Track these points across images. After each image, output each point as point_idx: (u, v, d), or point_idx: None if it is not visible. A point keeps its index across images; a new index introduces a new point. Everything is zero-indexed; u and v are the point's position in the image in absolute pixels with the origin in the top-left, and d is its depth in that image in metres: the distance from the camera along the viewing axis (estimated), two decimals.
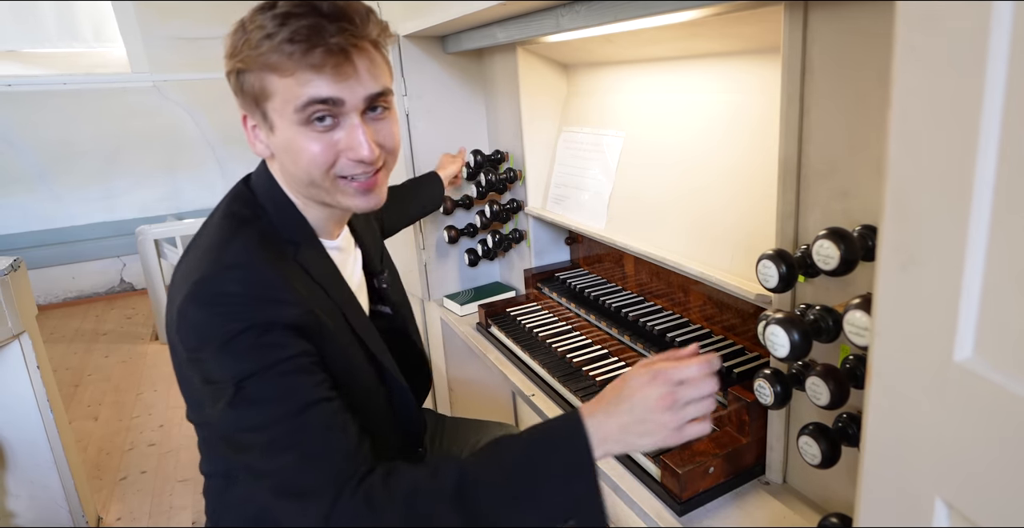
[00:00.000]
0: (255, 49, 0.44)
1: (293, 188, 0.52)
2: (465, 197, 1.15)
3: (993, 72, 0.22)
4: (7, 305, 1.03)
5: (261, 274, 0.46)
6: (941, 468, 0.27)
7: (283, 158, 0.49)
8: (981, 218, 0.23)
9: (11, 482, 1.13)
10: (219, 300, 0.44)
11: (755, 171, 0.65)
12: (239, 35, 0.46)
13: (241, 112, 0.49)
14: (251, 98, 0.47)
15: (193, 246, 0.51)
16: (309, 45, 0.43)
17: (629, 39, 0.78)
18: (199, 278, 0.44)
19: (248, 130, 0.50)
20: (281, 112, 0.46)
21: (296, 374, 0.43)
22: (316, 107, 0.45)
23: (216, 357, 0.43)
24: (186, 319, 0.44)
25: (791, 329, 0.44)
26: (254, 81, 0.46)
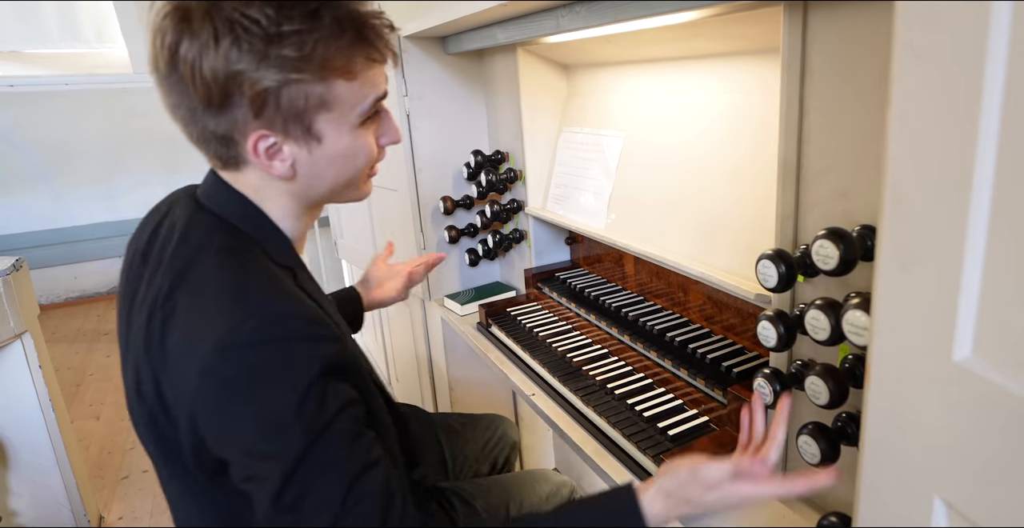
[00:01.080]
0: (308, 57, 0.36)
1: (303, 199, 0.45)
2: (466, 197, 1.15)
3: (992, 72, 0.22)
4: (9, 305, 1.04)
5: (298, 310, 0.39)
6: (940, 467, 0.27)
7: (324, 169, 0.43)
8: (980, 218, 0.24)
9: (13, 481, 1.14)
10: (260, 352, 0.36)
11: (755, 171, 0.65)
12: (254, 44, 0.36)
13: (252, 134, 0.39)
14: (293, 112, 0.39)
15: (178, 286, 0.41)
16: (374, 43, 0.39)
17: (629, 40, 0.78)
18: (230, 329, 0.36)
19: (260, 154, 0.40)
20: (341, 119, 0.41)
21: (353, 433, 0.38)
22: (378, 105, 0.42)
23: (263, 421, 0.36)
24: (219, 378, 0.36)
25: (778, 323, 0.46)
26: (307, 93, 0.38)
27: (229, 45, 0.36)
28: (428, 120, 1.11)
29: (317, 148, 0.42)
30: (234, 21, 0.36)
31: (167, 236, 0.45)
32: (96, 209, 2.76)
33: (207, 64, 0.37)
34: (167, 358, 0.40)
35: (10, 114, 2.58)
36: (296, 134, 0.41)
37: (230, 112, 0.39)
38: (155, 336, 0.42)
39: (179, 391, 0.40)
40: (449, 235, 1.14)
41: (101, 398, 1.87)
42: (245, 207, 0.45)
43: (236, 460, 0.39)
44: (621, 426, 0.70)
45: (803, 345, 0.53)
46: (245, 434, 0.37)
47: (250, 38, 0.36)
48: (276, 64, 0.37)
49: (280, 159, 0.42)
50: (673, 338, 0.79)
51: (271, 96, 0.38)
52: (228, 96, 0.38)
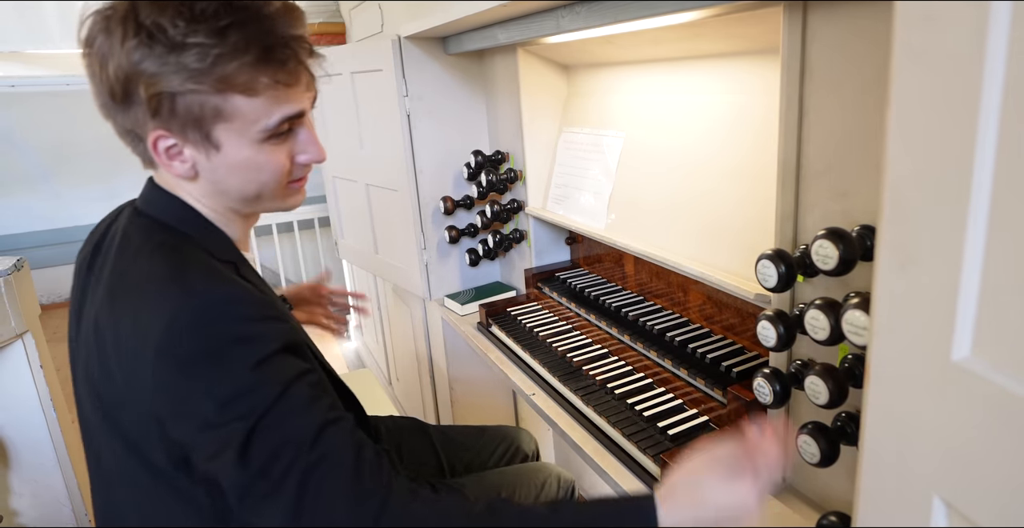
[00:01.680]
0: (208, 70, 0.38)
1: (218, 204, 0.47)
2: (466, 197, 1.15)
3: (991, 72, 0.22)
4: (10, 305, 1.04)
5: (240, 292, 0.40)
6: (939, 467, 0.27)
7: (226, 177, 0.44)
8: (979, 218, 0.24)
9: (14, 481, 1.14)
10: (210, 330, 0.38)
11: (754, 172, 0.65)
12: (157, 48, 0.37)
13: (151, 133, 0.41)
14: (190, 120, 0.40)
15: (119, 287, 0.42)
16: (283, 65, 0.40)
17: (629, 40, 0.78)
18: (176, 311, 0.38)
19: (159, 151, 0.42)
20: (242, 131, 0.42)
21: (311, 396, 0.39)
22: (287, 124, 0.43)
23: (220, 392, 0.37)
24: (173, 359, 0.37)
25: (777, 323, 0.46)
26: (203, 103, 0.40)
27: (135, 46, 0.38)
28: (428, 120, 1.11)
29: (216, 156, 0.43)
30: (145, 25, 0.38)
31: (109, 243, 0.47)
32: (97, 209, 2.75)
33: (112, 61, 0.39)
34: (121, 352, 0.41)
35: (11, 114, 2.58)
36: (195, 139, 0.42)
37: (131, 109, 0.41)
38: (105, 334, 0.42)
39: (138, 380, 0.40)
40: (449, 235, 1.14)
41: None
42: (180, 208, 0.46)
43: (197, 439, 0.39)
44: (621, 426, 0.70)
45: (803, 345, 0.53)
46: (205, 407, 0.37)
47: (155, 43, 0.38)
48: (174, 71, 0.38)
49: (180, 160, 0.43)
50: (673, 338, 0.79)
51: (166, 100, 0.40)
52: (128, 94, 0.40)
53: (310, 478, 0.38)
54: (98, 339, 0.43)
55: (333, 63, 1.47)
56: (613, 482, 0.65)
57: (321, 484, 0.38)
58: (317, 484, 0.38)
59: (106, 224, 0.51)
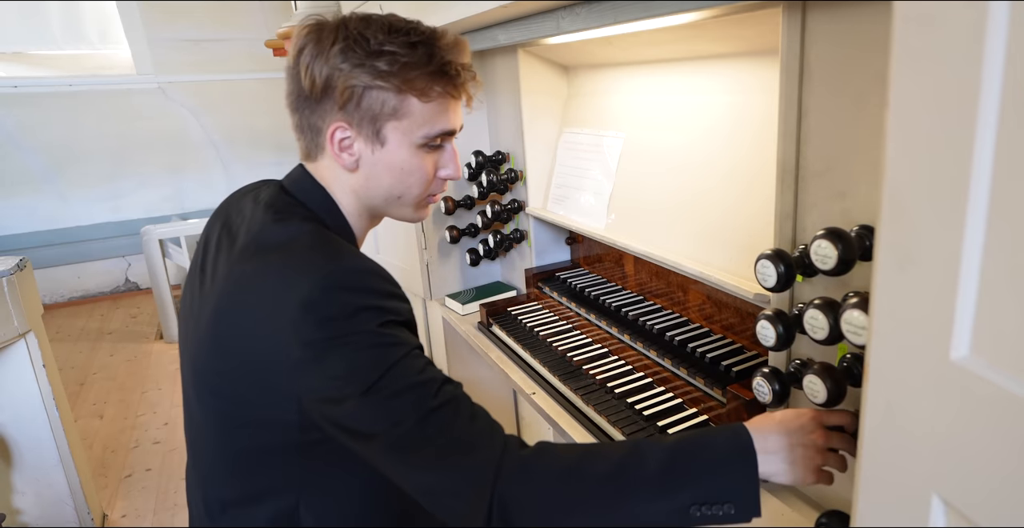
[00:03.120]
0: (396, 73, 0.47)
1: (360, 201, 0.53)
2: (467, 197, 1.15)
3: (990, 72, 0.22)
4: (13, 304, 1.05)
5: (382, 270, 0.47)
6: (937, 466, 0.27)
7: (381, 173, 0.51)
8: (977, 218, 0.24)
9: (17, 479, 1.14)
10: (356, 292, 0.43)
11: (754, 172, 0.65)
12: (359, 52, 0.47)
13: (332, 124, 0.49)
14: (369, 113, 0.48)
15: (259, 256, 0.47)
16: (453, 80, 0.50)
17: (629, 41, 0.78)
18: (328, 272, 0.43)
19: (334, 141, 0.50)
20: (407, 132, 0.50)
21: (424, 360, 0.45)
22: (444, 138, 0.52)
23: (354, 350, 0.42)
24: (319, 312, 0.42)
25: (777, 322, 0.46)
26: (385, 99, 0.48)
27: (339, 51, 0.47)
28: None
29: (380, 151, 0.51)
30: (352, 34, 0.47)
31: (253, 208, 0.53)
32: (100, 209, 2.78)
33: (319, 62, 0.48)
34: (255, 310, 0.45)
35: (14, 115, 2.59)
36: (367, 133, 0.50)
37: (323, 104, 0.49)
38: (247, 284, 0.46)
39: (274, 338, 0.43)
40: (450, 235, 1.14)
41: (104, 397, 1.89)
42: (324, 198, 0.53)
43: (329, 388, 0.42)
44: (621, 425, 0.70)
45: (802, 344, 0.53)
46: (341, 358, 0.42)
47: (357, 49, 0.47)
48: (368, 71, 0.47)
49: (349, 153, 0.51)
50: (673, 337, 0.80)
51: (355, 94, 0.48)
52: (326, 90, 0.48)
53: (435, 422, 0.42)
54: (225, 286, 0.47)
55: None
56: None
57: (447, 425, 0.42)
58: (442, 425, 0.42)
59: (240, 195, 0.57)
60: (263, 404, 0.45)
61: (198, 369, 0.49)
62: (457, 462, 0.41)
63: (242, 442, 0.48)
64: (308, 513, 0.48)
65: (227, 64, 2.72)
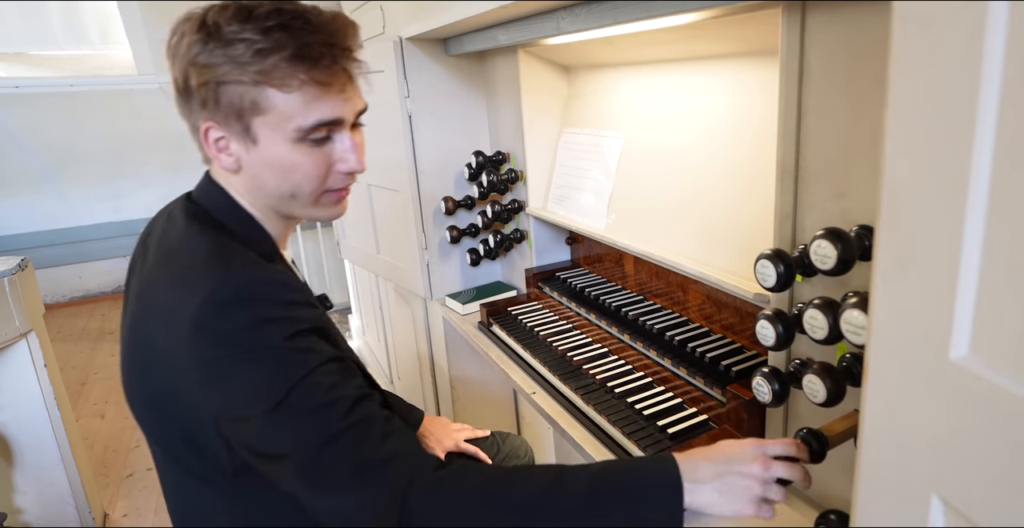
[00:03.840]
0: (249, 62, 0.42)
1: (259, 201, 0.49)
2: (467, 197, 1.15)
3: (989, 72, 0.22)
4: (14, 304, 1.05)
5: (280, 276, 0.44)
6: (937, 465, 0.27)
7: (263, 172, 0.47)
8: (977, 218, 0.24)
9: (19, 479, 1.15)
10: (251, 305, 0.40)
11: (753, 172, 0.65)
12: (211, 44, 0.42)
13: (203, 124, 0.45)
14: (232, 111, 0.44)
15: (167, 267, 0.45)
16: (316, 63, 0.43)
17: (629, 41, 0.78)
18: (217, 286, 0.40)
19: (209, 142, 0.46)
20: (276, 127, 0.44)
21: (338, 375, 0.42)
22: (324, 129, 0.46)
23: (256, 366, 0.39)
24: (212, 331, 0.40)
25: (776, 322, 0.46)
26: (243, 94, 0.43)
27: (194, 41, 0.43)
28: (430, 121, 1.11)
29: (254, 149, 0.46)
30: (207, 24, 0.43)
31: (164, 223, 0.51)
32: (101, 209, 2.78)
33: (177, 58, 0.44)
34: (160, 331, 0.43)
35: (15, 115, 2.59)
36: (237, 131, 0.45)
37: (190, 102, 0.45)
38: (147, 316, 0.45)
39: (177, 357, 0.42)
40: (451, 235, 1.14)
41: (105, 396, 1.89)
42: (228, 202, 0.49)
43: (234, 406, 0.41)
44: (621, 424, 0.70)
45: (801, 344, 0.53)
46: (242, 377, 0.40)
47: (211, 39, 0.42)
48: (221, 62, 0.42)
49: (227, 153, 0.47)
50: (672, 337, 0.80)
51: (212, 89, 0.43)
52: (187, 87, 0.44)
53: (343, 443, 0.40)
54: (139, 306, 0.46)
55: None
56: None
57: (354, 447, 0.40)
58: (350, 448, 0.40)
59: (161, 215, 0.54)
60: (189, 429, 0.43)
61: (131, 397, 0.47)
62: (362, 485, 0.39)
63: (181, 466, 0.46)
64: None
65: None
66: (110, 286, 2.85)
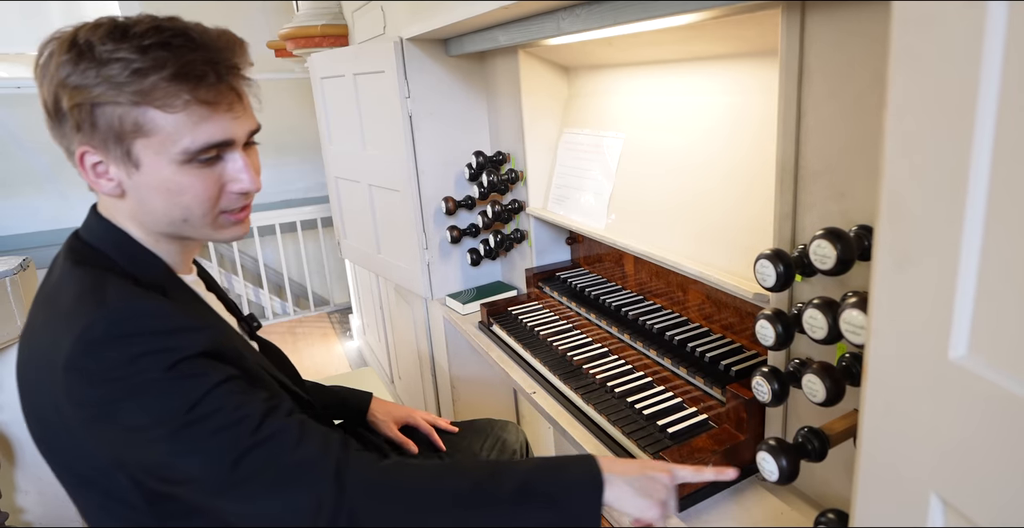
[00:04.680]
0: (126, 83, 0.39)
1: (146, 226, 0.47)
2: (467, 197, 1.16)
3: (988, 73, 0.22)
4: (16, 304, 1.05)
5: (156, 305, 0.41)
6: (936, 464, 0.27)
7: (150, 196, 0.44)
8: (976, 218, 0.24)
9: (20, 478, 1.15)
10: (125, 341, 0.38)
11: (753, 172, 0.65)
12: (83, 64, 0.39)
13: (78, 149, 0.42)
14: (111, 134, 0.41)
15: (45, 309, 0.43)
16: (200, 82, 0.41)
17: (629, 42, 0.78)
18: (88, 324, 0.38)
19: (86, 168, 0.43)
20: (161, 149, 0.42)
21: (240, 394, 0.41)
22: (214, 150, 0.44)
23: (142, 399, 0.38)
24: (84, 371, 0.38)
25: (776, 322, 0.46)
26: (122, 116, 0.41)
27: (64, 62, 0.40)
28: (430, 121, 1.11)
29: (136, 174, 0.43)
30: (79, 44, 0.40)
31: (48, 270, 0.48)
32: None
33: (47, 79, 0.41)
34: (39, 364, 0.41)
35: (17, 115, 2.60)
36: (116, 155, 0.43)
37: (62, 125, 0.42)
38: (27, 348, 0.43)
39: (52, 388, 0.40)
40: (451, 235, 1.15)
41: None
42: (112, 233, 0.46)
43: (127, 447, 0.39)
44: (621, 424, 0.70)
45: (801, 344, 0.53)
46: (127, 414, 0.38)
47: (82, 59, 0.40)
48: (95, 83, 0.40)
49: (107, 178, 0.44)
50: (672, 337, 0.80)
51: (87, 112, 0.41)
52: (59, 110, 0.41)
53: (257, 456, 0.39)
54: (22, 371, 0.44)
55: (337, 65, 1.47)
56: None
57: (269, 460, 0.39)
58: (263, 461, 0.39)
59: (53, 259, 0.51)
60: (92, 469, 0.42)
61: (36, 443, 0.45)
62: (284, 489, 0.39)
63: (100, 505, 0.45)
64: None
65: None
66: None
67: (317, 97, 1.35)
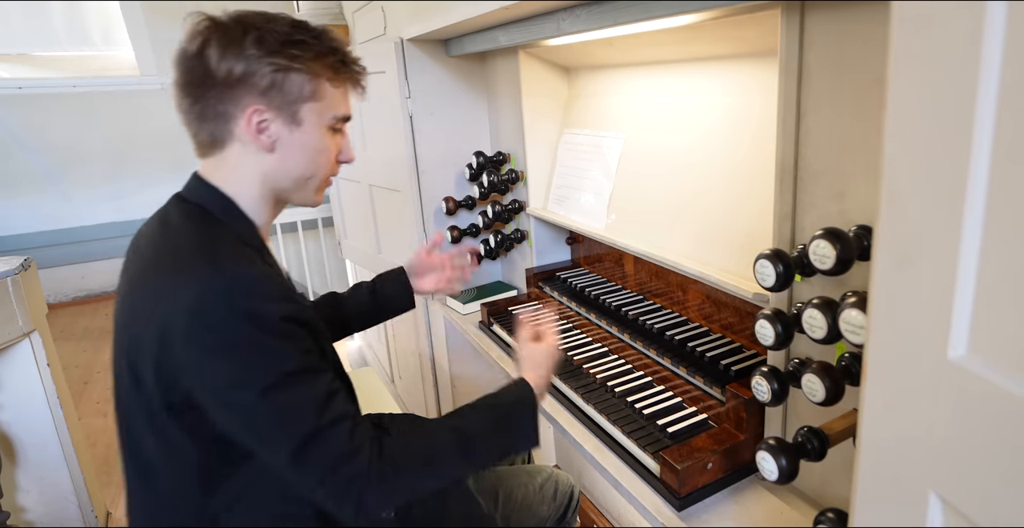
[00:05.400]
0: (317, 58, 0.51)
1: (269, 183, 0.54)
2: (468, 198, 1.16)
3: (987, 73, 0.22)
4: (18, 304, 1.05)
5: (263, 273, 0.48)
6: (935, 464, 0.27)
7: (295, 153, 0.53)
8: (975, 218, 0.24)
9: (21, 478, 1.15)
10: (236, 304, 0.45)
11: (753, 172, 0.65)
12: (269, 40, 0.49)
13: (249, 107, 0.50)
14: (289, 95, 0.51)
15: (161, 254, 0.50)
16: (351, 68, 0.55)
17: (629, 42, 0.78)
18: (207, 284, 0.45)
19: (251, 122, 0.51)
20: (320, 114, 0.53)
21: (318, 370, 0.47)
22: (344, 120, 0.56)
23: (244, 355, 0.44)
24: (204, 327, 0.44)
25: (775, 322, 0.46)
26: (303, 82, 0.51)
27: (254, 40, 0.49)
28: (430, 122, 1.11)
29: (296, 131, 0.53)
30: (261, 27, 0.50)
31: (156, 224, 0.55)
32: (104, 209, 2.79)
33: (232, 52, 0.49)
34: (155, 316, 0.46)
35: (19, 116, 2.61)
36: (285, 115, 0.52)
37: (235, 90, 0.50)
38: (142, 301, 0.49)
39: (169, 343, 0.45)
40: (452, 235, 1.15)
41: (108, 396, 1.90)
42: (218, 197, 0.54)
43: (218, 397, 0.46)
44: (621, 423, 0.70)
45: (800, 343, 0.53)
46: (228, 369, 0.45)
47: (271, 38, 0.50)
48: (286, 56, 0.50)
49: (267, 134, 0.52)
50: (672, 337, 0.80)
51: (281, 77, 0.50)
52: (243, 76, 0.50)
53: (316, 434, 0.46)
54: (134, 307, 0.50)
55: None
56: (613, 479, 0.65)
57: (327, 441, 0.46)
58: (323, 441, 0.46)
59: (149, 220, 0.58)
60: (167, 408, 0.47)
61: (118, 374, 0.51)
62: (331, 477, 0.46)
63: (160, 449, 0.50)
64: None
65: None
66: (113, 286, 2.86)
67: None
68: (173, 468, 0.50)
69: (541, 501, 0.72)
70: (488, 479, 0.72)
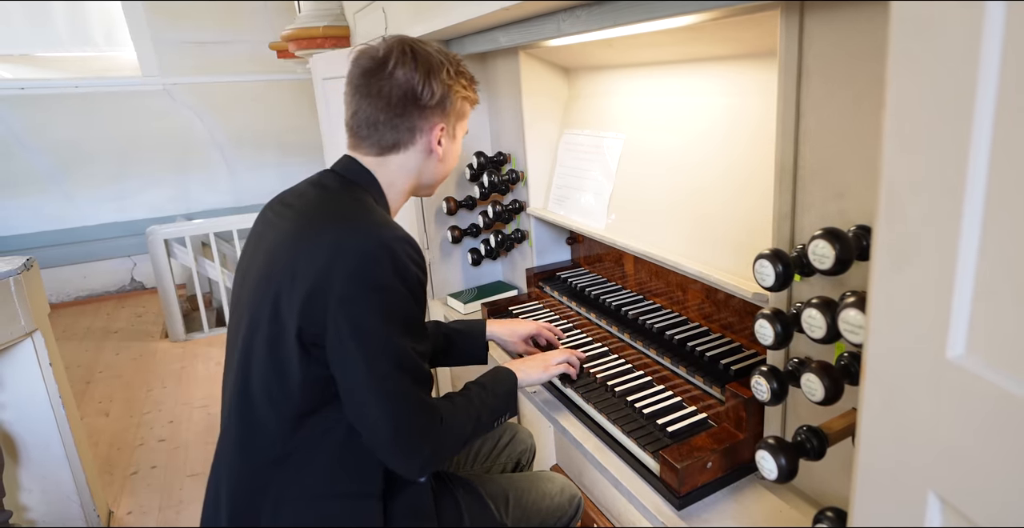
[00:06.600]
0: (468, 89, 0.68)
1: (419, 180, 0.68)
2: (468, 198, 1.16)
3: (986, 73, 0.22)
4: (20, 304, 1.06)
5: (414, 242, 0.59)
6: (934, 463, 0.27)
7: (447, 159, 0.69)
8: (974, 218, 0.24)
9: (24, 477, 1.16)
10: (395, 262, 0.54)
11: (753, 172, 0.65)
12: (449, 69, 0.65)
13: (437, 124, 0.66)
14: (454, 115, 0.67)
15: (327, 208, 0.60)
16: (476, 95, 0.70)
17: (629, 43, 0.78)
18: (375, 241, 0.55)
19: (434, 135, 0.66)
20: (460, 129, 0.69)
21: (425, 334, 0.59)
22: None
23: (387, 298, 0.54)
24: (363, 278, 0.53)
25: (775, 321, 0.46)
26: (460, 106, 0.67)
27: (447, 70, 0.65)
28: None
29: (451, 143, 0.69)
30: (444, 60, 0.65)
31: (310, 187, 0.65)
32: (106, 209, 2.80)
33: (435, 78, 0.63)
34: (314, 261, 0.55)
35: (21, 116, 2.62)
36: (451, 130, 0.68)
37: (433, 110, 0.64)
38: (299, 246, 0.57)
39: (324, 289, 0.54)
40: (452, 235, 1.15)
41: (110, 395, 1.90)
42: (370, 178, 0.66)
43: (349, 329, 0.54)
44: (621, 423, 0.70)
45: (800, 343, 0.53)
46: (373, 317, 0.54)
47: (450, 68, 0.65)
48: (461, 84, 0.67)
49: (439, 145, 0.67)
50: (672, 336, 0.80)
51: (454, 102, 0.66)
52: (443, 99, 0.64)
53: (416, 382, 0.56)
54: (297, 246, 0.57)
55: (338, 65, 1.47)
56: (613, 478, 0.65)
57: (419, 394, 0.57)
58: (417, 393, 0.57)
59: (296, 185, 0.68)
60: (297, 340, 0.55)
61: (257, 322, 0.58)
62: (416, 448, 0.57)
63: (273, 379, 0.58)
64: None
65: (231, 66, 2.74)
66: (115, 286, 2.87)
67: (319, 98, 1.36)
68: (275, 400, 0.57)
69: (549, 508, 0.74)
70: (499, 483, 0.73)
